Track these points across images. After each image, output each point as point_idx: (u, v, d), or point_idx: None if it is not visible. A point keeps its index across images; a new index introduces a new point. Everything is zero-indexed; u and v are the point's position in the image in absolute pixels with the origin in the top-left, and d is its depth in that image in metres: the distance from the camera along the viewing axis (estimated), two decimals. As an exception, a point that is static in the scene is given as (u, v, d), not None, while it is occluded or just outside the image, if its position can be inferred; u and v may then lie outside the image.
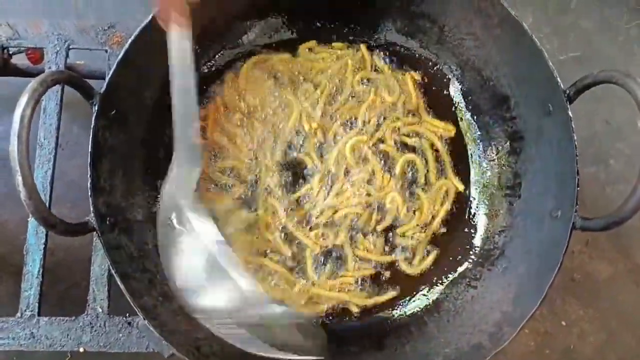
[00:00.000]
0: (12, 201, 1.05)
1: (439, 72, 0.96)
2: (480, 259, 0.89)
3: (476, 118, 0.94)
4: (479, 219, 0.92)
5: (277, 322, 0.73)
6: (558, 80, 0.75)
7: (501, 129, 0.91)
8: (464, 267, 0.90)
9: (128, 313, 0.84)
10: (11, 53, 0.98)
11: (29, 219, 0.86)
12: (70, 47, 0.95)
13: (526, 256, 0.82)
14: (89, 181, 0.71)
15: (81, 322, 0.83)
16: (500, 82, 0.88)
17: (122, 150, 0.79)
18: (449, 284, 0.89)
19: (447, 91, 0.95)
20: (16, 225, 1.07)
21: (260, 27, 0.93)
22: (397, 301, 0.89)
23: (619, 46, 1.26)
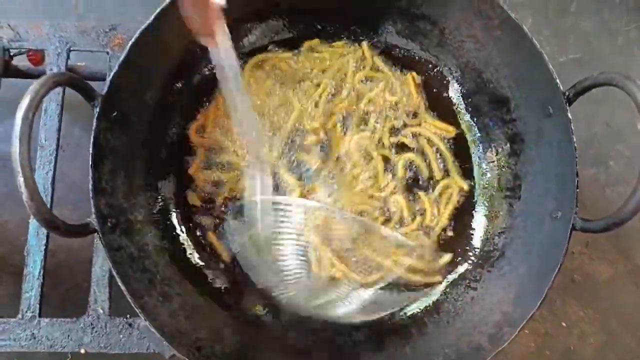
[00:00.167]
0: (13, 202, 1.05)
1: (439, 74, 0.96)
2: (480, 260, 0.89)
3: (476, 120, 0.94)
4: (479, 220, 0.92)
5: None
6: (558, 82, 0.76)
7: (501, 131, 0.91)
8: (464, 268, 0.90)
9: (129, 314, 0.84)
10: (12, 55, 0.98)
11: (30, 220, 0.86)
12: (71, 49, 0.95)
13: (526, 257, 0.82)
14: (91, 183, 0.71)
15: (82, 323, 0.83)
16: (500, 84, 0.88)
17: (124, 151, 0.79)
18: (449, 285, 0.89)
19: (447, 93, 0.96)
20: (16, 225, 1.07)
21: (261, 30, 0.94)
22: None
23: (619, 48, 1.26)
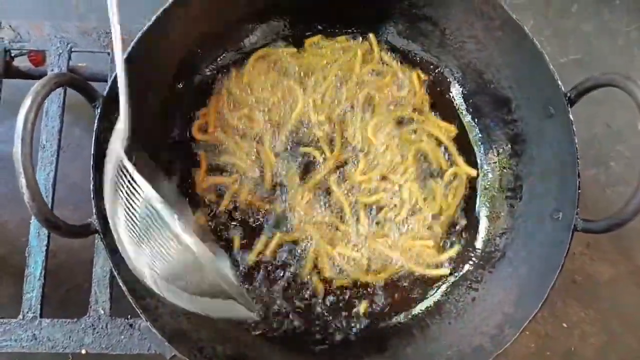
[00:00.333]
0: (13, 202, 1.05)
1: (440, 75, 0.96)
2: (481, 261, 0.89)
3: (477, 120, 0.94)
4: (480, 221, 0.92)
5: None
6: (559, 83, 0.76)
7: (502, 132, 0.91)
8: (466, 269, 0.90)
9: (130, 315, 0.84)
10: (13, 55, 0.98)
11: (31, 221, 0.86)
12: (72, 50, 0.95)
13: (527, 258, 0.82)
14: (92, 183, 0.71)
15: (83, 324, 0.84)
16: (501, 85, 0.88)
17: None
18: (451, 286, 0.89)
19: (449, 94, 0.96)
20: (16, 226, 1.07)
21: (262, 31, 0.93)
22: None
23: (619, 49, 1.26)
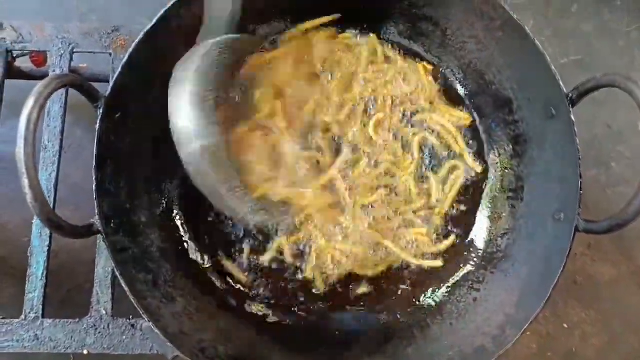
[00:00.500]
0: (13, 203, 1.05)
1: (442, 76, 0.96)
2: (483, 262, 0.89)
3: (478, 121, 0.94)
4: (482, 222, 0.92)
5: None
6: (560, 83, 0.76)
7: (504, 132, 0.91)
8: (467, 270, 0.90)
9: (132, 315, 0.84)
10: (15, 56, 0.99)
11: (34, 221, 0.87)
12: (74, 51, 0.95)
13: (529, 259, 0.82)
14: (94, 184, 0.71)
15: (85, 324, 0.84)
16: (502, 86, 0.88)
17: (127, 152, 0.79)
18: (452, 287, 0.89)
19: (450, 95, 0.95)
20: (17, 227, 1.07)
21: (263, 31, 0.93)
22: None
23: (620, 49, 1.27)
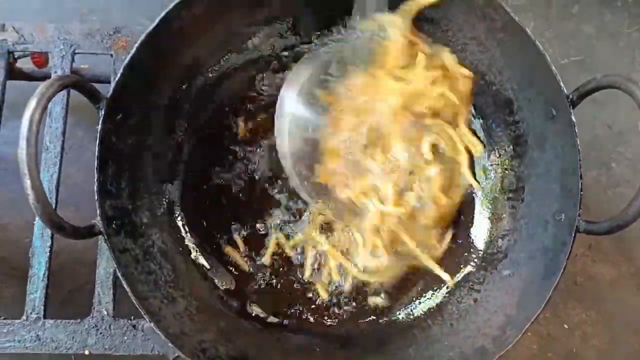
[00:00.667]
0: (15, 204, 1.05)
1: (442, 76, 0.96)
2: (483, 263, 0.90)
3: (479, 122, 0.95)
4: (482, 223, 0.92)
5: None
6: (561, 84, 0.76)
7: (504, 133, 0.91)
8: (467, 271, 0.90)
9: (133, 316, 0.84)
10: (16, 57, 0.99)
11: (35, 222, 0.86)
12: (76, 52, 0.95)
13: (530, 260, 0.82)
14: (96, 185, 0.71)
15: (86, 325, 0.84)
16: (503, 86, 0.88)
17: (129, 153, 0.79)
18: (453, 288, 0.89)
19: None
20: (17, 227, 1.07)
21: (265, 33, 0.94)
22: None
23: (621, 50, 1.26)
